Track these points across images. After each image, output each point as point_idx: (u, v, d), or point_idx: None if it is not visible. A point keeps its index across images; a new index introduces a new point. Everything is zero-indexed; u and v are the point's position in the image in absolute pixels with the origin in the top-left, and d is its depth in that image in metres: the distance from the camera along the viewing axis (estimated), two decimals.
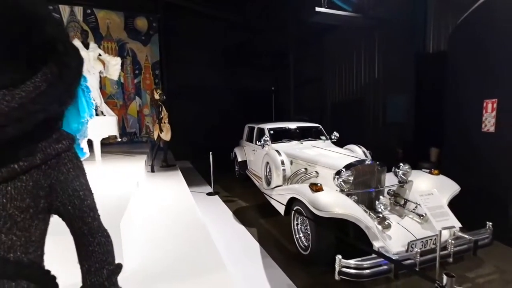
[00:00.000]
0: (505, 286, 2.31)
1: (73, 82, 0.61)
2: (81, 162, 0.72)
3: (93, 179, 2.30)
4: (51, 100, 0.55)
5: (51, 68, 0.56)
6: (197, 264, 1.94)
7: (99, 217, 0.75)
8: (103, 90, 8.17)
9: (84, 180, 0.71)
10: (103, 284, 0.69)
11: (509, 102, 2.98)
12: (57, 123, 0.65)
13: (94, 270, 0.69)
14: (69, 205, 0.65)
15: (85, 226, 0.69)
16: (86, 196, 0.71)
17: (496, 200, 3.14)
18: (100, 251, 0.71)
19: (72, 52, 0.62)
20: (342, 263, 2.08)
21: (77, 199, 0.67)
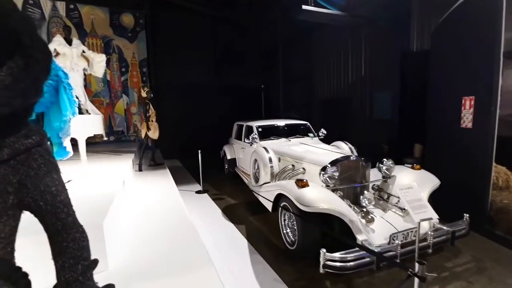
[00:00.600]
0: (480, 274, 2.43)
1: (40, 75, 0.61)
2: (53, 157, 0.72)
3: (77, 178, 2.30)
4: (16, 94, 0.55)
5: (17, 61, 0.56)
6: (183, 261, 1.94)
7: (74, 213, 0.75)
8: (88, 88, 7.97)
9: (56, 175, 0.71)
10: (77, 280, 0.70)
11: (485, 100, 3.11)
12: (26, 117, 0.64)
13: (69, 265, 0.69)
14: (41, 201, 0.65)
15: (59, 222, 0.69)
16: (59, 192, 0.70)
17: (473, 193, 3.27)
18: (75, 247, 0.72)
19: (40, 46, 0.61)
20: (326, 256, 2.13)
21: (49, 194, 0.66)
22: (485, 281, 2.33)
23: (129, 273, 1.80)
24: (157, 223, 2.67)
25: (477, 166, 3.23)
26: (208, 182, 6.02)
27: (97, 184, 2.95)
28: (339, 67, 7.39)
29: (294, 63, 9.33)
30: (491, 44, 2.98)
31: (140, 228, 2.56)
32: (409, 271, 1.34)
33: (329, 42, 7.65)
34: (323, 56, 7.96)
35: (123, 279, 1.73)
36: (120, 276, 1.77)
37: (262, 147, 4.04)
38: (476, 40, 3.27)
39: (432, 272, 2.47)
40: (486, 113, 3.09)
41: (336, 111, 7.58)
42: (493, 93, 2.99)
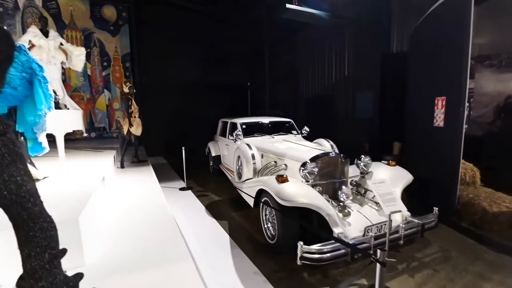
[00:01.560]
0: (446, 263, 2.60)
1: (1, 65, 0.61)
2: (19, 147, 0.72)
3: (54, 175, 2.26)
4: None
5: None
6: (162, 255, 1.95)
7: (41, 203, 0.76)
8: (68, 83, 7.69)
9: (22, 165, 0.72)
10: (44, 267, 0.71)
11: (455, 99, 3.30)
12: None
13: (35, 254, 0.70)
14: (5, 190, 0.66)
15: (24, 211, 0.70)
16: (25, 181, 0.71)
17: (443, 188, 3.47)
18: (41, 236, 0.73)
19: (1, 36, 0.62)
20: (304, 249, 2.21)
21: (13, 184, 0.67)
22: (449, 269, 2.50)
23: (106, 268, 1.79)
24: (138, 219, 2.66)
25: (447, 163, 3.43)
26: (193, 179, 6.00)
27: (75, 180, 2.88)
28: (324, 67, 7.54)
29: (280, 62, 9.42)
30: (461, 47, 3.16)
31: (120, 224, 2.53)
32: (372, 258, 1.43)
33: (314, 42, 7.78)
34: (308, 55, 8.09)
35: (99, 274, 1.73)
36: (97, 271, 1.76)
37: (245, 143, 4.08)
38: (448, 43, 3.46)
39: (403, 262, 2.63)
40: (455, 113, 3.28)
41: (320, 110, 7.74)
42: (461, 94, 3.18)
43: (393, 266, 2.57)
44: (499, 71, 6.16)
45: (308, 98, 8.37)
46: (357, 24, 6.25)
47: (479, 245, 2.90)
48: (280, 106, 9.42)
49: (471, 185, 3.58)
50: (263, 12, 8.40)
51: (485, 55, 6.49)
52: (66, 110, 4.87)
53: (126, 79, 8.54)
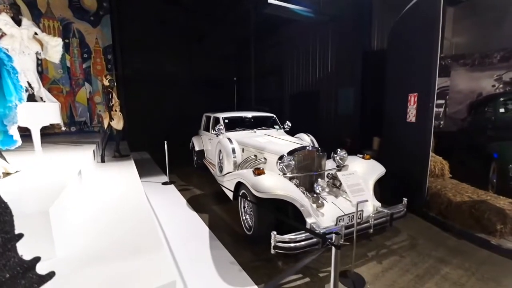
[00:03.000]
0: (412, 249, 2.76)
1: None
2: None
3: (26, 168, 2.24)
4: None
5: None
6: (135, 247, 1.97)
7: None
8: (45, 74, 7.42)
9: None
10: None
11: (425, 96, 3.46)
12: None
13: None
14: None
15: None
16: None
17: (414, 180, 3.66)
18: None
19: None
20: (277, 238, 2.29)
21: None
22: (414, 255, 2.66)
23: (78, 260, 1.80)
24: (114, 213, 2.65)
25: (418, 156, 3.60)
26: (176, 174, 5.99)
27: (48, 174, 2.83)
28: (308, 63, 7.64)
29: (266, 57, 9.44)
30: (431, 45, 3.30)
31: (96, 217, 2.52)
32: (328, 241, 1.53)
33: (298, 39, 7.85)
34: (293, 51, 8.15)
35: (70, 266, 1.74)
36: (68, 263, 1.77)
37: (226, 138, 4.12)
38: (421, 41, 3.60)
39: (373, 250, 2.78)
40: (425, 109, 3.44)
41: (304, 105, 7.86)
42: (431, 91, 3.33)
43: (363, 253, 2.71)
44: (472, 69, 6.48)
45: (293, 93, 8.46)
46: (339, 21, 6.36)
47: (443, 233, 3.09)
48: (265, 101, 9.47)
49: (440, 177, 3.79)
50: (249, 7, 8.37)
51: (460, 54, 6.78)
52: (42, 103, 4.71)
53: (107, 72, 8.32)
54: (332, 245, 1.43)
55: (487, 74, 6.12)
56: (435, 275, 2.35)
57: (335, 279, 1.47)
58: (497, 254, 2.63)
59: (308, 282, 2.29)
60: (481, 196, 3.15)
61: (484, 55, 6.12)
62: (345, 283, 2.26)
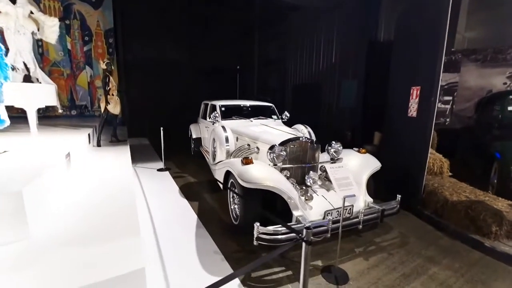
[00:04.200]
0: (402, 247, 2.68)
1: None
2: None
3: (15, 149, 2.19)
4: None
5: None
6: (112, 231, 1.94)
7: None
8: (46, 56, 7.39)
9: None
10: None
11: (428, 90, 3.29)
12: None
13: None
14: None
15: None
16: None
17: (411, 177, 3.54)
18: None
19: None
20: (260, 230, 2.23)
21: None
22: (403, 253, 2.58)
23: (51, 242, 1.78)
24: (99, 197, 2.62)
25: (416, 153, 3.47)
26: (173, 161, 5.97)
27: (34, 155, 2.80)
28: (312, 54, 7.41)
29: (269, 47, 9.21)
30: (438, 37, 3.11)
31: (79, 200, 2.50)
32: (299, 236, 1.45)
33: (303, 27, 7.60)
34: (297, 41, 7.91)
35: (42, 248, 1.71)
36: (41, 244, 1.75)
37: (221, 126, 4.03)
38: (427, 33, 3.40)
39: (361, 246, 2.71)
40: (427, 103, 3.28)
41: (307, 97, 7.68)
42: (434, 84, 3.17)
43: (350, 249, 2.64)
44: (483, 65, 6.18)
45: (295, 84, 8.28)
46: (345, 9, 6.10)
47: (437, 232, 3.00)
48: (268, 91, 9.31)
49: (439, 175, 3.66)
50: None
51: (472, 49, 6.48)
52: (38, 84, 4.67)
53: (109, 56, 8.24)
54: (302, 240, 1.36)
55: (499, 71, 5.84)
56: (422, 274, 2.28)
57: (304, 275, 1.41)
58: (490, 257, 2.53)
59: (290, 275, 2.25)
60: (479, 196, 3.03)
61: (498, 50, 5.82)
62: (328, 278, 2.21)
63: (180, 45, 9.55)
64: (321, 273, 2.26)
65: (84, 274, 1.46)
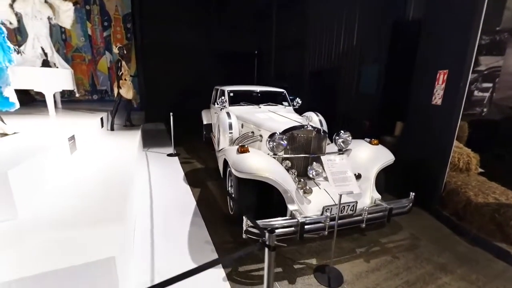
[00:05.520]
0: (410, 251, 2.41)
1: None
2: None
3: (25, 131, 2.15)
4: None
5: None
6: (97, 216, 1.91)
7: None
8: (68, 42, 7.66)
9: None
10: None
11: (457, 73, 2.84)
12: None
13: None
14: None
15: None
16: None
17: (431, 173, 3.17)
18: None
19: None
20: (249, 223, 2.10)
21: None
22: (411, 257, 2.32)
23: (36, 224, 1.79)
24: (96, 181, 2.64)
25: (439, 146, 3.08)
26: (184, 146, 6.01)
27: (41, 138, 2.87)
28: (332, 37, 6.88)
29: (288, 29, 8.72)
30: (473, 12, 2.63)
31: (76, 183, 2.53)
32: (261, 239, 1.29)
33: (322, 8, 7.03)
34: (316, 23, 7.38)
35: (29, 227, 1.74)
36: (24, 224, 1.77)
37: (225, 112, 3.89)
38: (462, 7, 2.90)
39: (363, 246, 2.48)
40: (455, 89, 2.85)
41: (324, 83, 7.23)
42: (464, 67, 2.72)
43: (351, 249, 2.44)
44: None
45: (313, 69, 7.82)
46: None
47: (455, 236, 2.67)
48: (285, 77, 8.94)
49: (464, 172, 3.24)
50: None
51: None
52: (55, 69, 4.83)
53: (127, 41, 8.36)
54: (264, 245, 1.19)
55: None
56: (430, 284, 2.02)
57: (268, 283, 1.26)
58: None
59: (279, 272, 2.11)
60: (510, 199, 2.62)
61: None
62: (320, 278, 2.04)
63: (197, 29, 9.39)
64: (314, 273, 2.10)
65: (53, 258, 1.44)
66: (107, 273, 1.47)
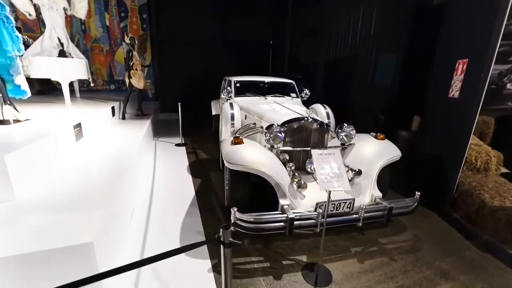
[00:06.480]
0: (410, 253, 2.26)
1: None
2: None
3: (37, 118, 2.19)
4: None
5: None
6: (85, 202, 1.96)
7: None
8: (88, 33, 7.91)
9: None
10: None
11: (478, 63, 2.55)
12: None
13: None
14: None
15: None
16: None
17: (443, 171, 2.93)
18: None
19: None
20: (237, 215, 2.06)
21: None
22: (409, 260, 2.17)
23: (31, 205, 1.88)
24: (95, 167, 2.72)
25: (454, 142, 2.82)
26: (194, 137, 6.07)
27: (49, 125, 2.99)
28: (348, 24, 6.50)
29: (303, 19, 8.39)
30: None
31: (77, 169, 2.62)
32: (216, 235, 1.22)
33: None
34: (333, 11, 7.01)
35: (24, 210, 1.82)
36: (22, 206, 1.86)
37: (228, 102, 3.84)
38: None
39: (359, 246, 2.36)
40: (475, 80, 2.57)
41: (340, 74, 6.92)
42: (487, 56, 2.43)
43: (345, 248, 2.33)
44: None
45: (328, 60, 7.49)
46: None
47: (464, 241, 2.45)
48: (299, 67, 8.67)
49: (482, 172, 2.95)
50: None
51: None
52: (70, 59, 5.00)
53: (143, 31, 8.49)
54: (219, 242, 1.14)
55: None
56: None
57: (225, 281, 1.20)
58: None
59: (266, 267, 2.07)
60: None
61: None
62: (307, 276, 1.97)
63: (212, 19, 9.32)
64: (302, 271, 2.03)
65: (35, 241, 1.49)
66: (84, 258, 1.50)
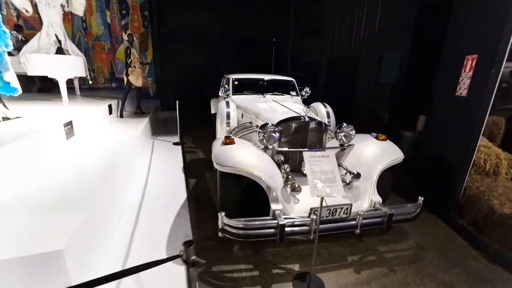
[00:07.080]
0: (411, 263, 2.10)
1: None
2: None
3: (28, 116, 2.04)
4: None
5: None
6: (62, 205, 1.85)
7: None
8: (89, 31, 7.87)
9: None
10: None
11: (489, 58, 2.36)
12: None
13: None
14: None
15: None
16: None
17: (449, 175, 2.75)
18: None
19: None
20: (224, 221, 1.93)
21: None
22: (410, 271, 2.01)
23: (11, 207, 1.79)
24: (81, 167, 2.62)
25: (461, 144, 2.64)
26: (192, 135, 5.97)
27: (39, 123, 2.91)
28: (352, 22, 6.30)
29: (307, 16, 8.20)
30: None
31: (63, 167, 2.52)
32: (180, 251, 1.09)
33: None
34: (336, 8, 6.81)
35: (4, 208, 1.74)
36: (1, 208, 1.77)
37: (225, 101, 3.71)
38: None
39: (357, 254, 2.21)
40: (485, 77, 2.38)
41: (342, 72, 6.72)
42: (498, 51, 2.24)
43: (342, 256, 2.18)
44: None
45: (331, 58, 7.30)
46: None
47: (471, 250, 2.28)
48: (302, 66, 8.50)
49: (491, 176, 2.76)
50: None
51: None
52: (67, 56, 4.95)
53: (144, 29, 8.42)
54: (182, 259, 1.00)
55: None
56: None
57: None
58: None
59: (255, 276, 1.94)
60: None
61: None
62: (298, 287, 1.83)
63: (214, 18, 9.22)
64: (293, 281, 1.89)
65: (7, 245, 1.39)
66: (54, 268, 1.40)
